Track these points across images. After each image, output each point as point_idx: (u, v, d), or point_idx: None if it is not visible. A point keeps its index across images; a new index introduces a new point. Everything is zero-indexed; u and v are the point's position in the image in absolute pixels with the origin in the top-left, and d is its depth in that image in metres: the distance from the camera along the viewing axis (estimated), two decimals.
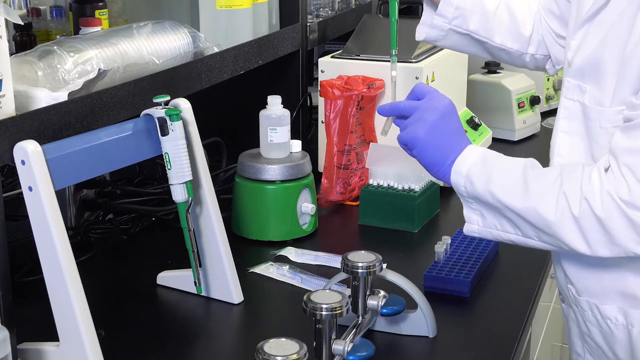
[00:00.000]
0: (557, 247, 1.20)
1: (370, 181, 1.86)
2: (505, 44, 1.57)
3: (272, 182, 1.72)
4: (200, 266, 1.48)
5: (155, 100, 1.37)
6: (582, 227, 1.14)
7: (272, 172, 1.71)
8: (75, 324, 1.19)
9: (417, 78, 1.97)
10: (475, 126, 2.29)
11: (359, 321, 1.31)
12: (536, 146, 2.43)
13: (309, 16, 2.18)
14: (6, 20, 1.21)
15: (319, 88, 1.94)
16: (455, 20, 1.55)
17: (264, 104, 1.75)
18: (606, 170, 1.15)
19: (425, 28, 1.60)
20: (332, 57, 2.10)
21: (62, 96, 1.31)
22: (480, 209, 1.24)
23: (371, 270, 1.30)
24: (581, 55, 1.25)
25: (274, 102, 1.74)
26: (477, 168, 1.23)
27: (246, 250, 1.69)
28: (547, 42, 1.56)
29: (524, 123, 2.46)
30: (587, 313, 1.31)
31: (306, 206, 1.74)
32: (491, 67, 2.51)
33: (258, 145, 1.76)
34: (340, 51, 2.11)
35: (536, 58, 1.58)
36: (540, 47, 1.57)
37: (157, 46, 1.58)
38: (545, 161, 1.28)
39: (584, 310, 1.31)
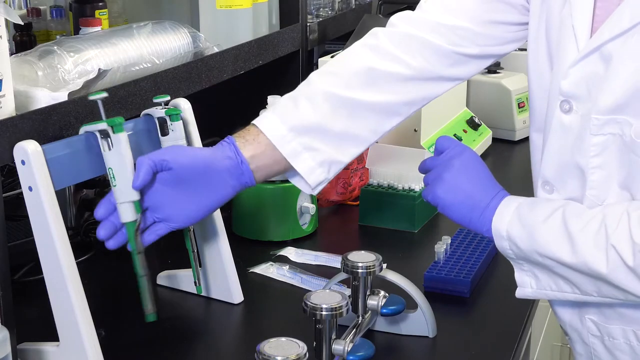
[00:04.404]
0: (622, 298, 1.11)
1: (370, 181, 1.86)
2: (388, 128, 1.38)
3: (272, 182, 1.71)
4: (200, 266, 1.48)
5: (155, 100, 1.37)
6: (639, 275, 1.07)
7: None
8: (75, 324, 1.19)
9: None
10: (475, 126, 2.29)
11: (359, 321, 1.31)
12: None
13: (309, 16, 2.18)
14: (6, 20, 1.21)
15: None
16: (332, 171, 1.35)
17: (264, 104, 1.75)
18: None
19: None
20: (332, 57, 2.10)
21: (62, 96, 1.30)
22: (532, 269, 1.18)
23: (371, 270, 1.30)
24: (616, 87, 1.10)
25: (274, 102, 1.74)
26: (516, 228, 1.16)
27: (246, 250, 1.69)
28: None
29: (524, 123, 2.46)
30: (618, 342, 1.21)
31: (306, 206, 1.74)
32: (491, 67, 2.51)
33: None
34: (340, 51, 2.11)
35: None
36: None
37: (157, 46, 1.58)
38: None
39: (614, 339, 1.22)
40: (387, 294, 1.34)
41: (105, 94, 1.25)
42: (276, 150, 1.28)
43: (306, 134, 1.29)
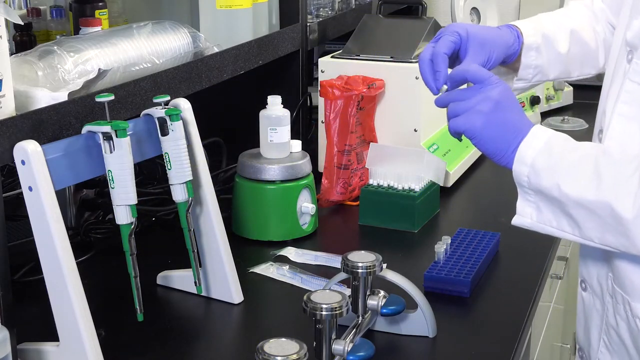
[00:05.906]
0: (621, 249, 1.13)
1: (370, 181, 1.86)
2: (583, 73, 1.52)
3: (272, 182, 1.72)
4: (200, 266, 1.48)
5: (155, 100, 1.37)
6: None
7: (272, 172, 1.71)
8: (75, 324, 1.19)
9: (417, 78, 1.97)
10: None
11: (359, 321, 1.31)
12: None
13: (309, 16, 2.18)
14: (6, 20, 1.21)
15: (319, 88, 1.94)
16: (535, 77, 1.49)
17: (264, 104, 1.75)
18: None
19: None
20: (332, 57, 2.10)
21: (62, 96, 1.31)
22: (538, 202, 1.17)
23: (371, 270, 1.30)
24: None
25: (274, 102, 1.74)
26: (543, 158, 1.16)
27: (246, 250, 1.69)
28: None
29: None
30: (620, 307, 1.24)
31: (306, 206, 1.74)
32: None
33: (258, 145, 1.76)
34: (340, 51, 2.11)
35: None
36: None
37: (157, 46, 1.58)
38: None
39: (617, 303, 1.25)
40: (387, 294, 1.34)
41: (112, 97, 1.27)
42: None
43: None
